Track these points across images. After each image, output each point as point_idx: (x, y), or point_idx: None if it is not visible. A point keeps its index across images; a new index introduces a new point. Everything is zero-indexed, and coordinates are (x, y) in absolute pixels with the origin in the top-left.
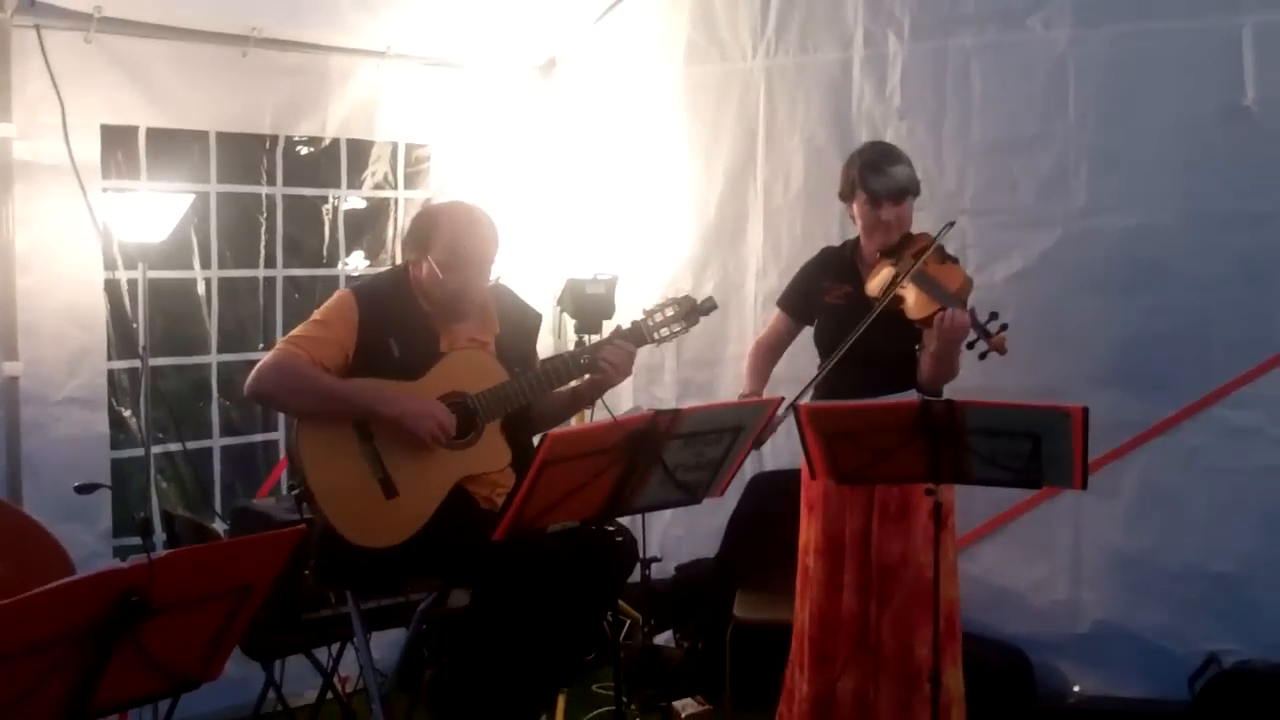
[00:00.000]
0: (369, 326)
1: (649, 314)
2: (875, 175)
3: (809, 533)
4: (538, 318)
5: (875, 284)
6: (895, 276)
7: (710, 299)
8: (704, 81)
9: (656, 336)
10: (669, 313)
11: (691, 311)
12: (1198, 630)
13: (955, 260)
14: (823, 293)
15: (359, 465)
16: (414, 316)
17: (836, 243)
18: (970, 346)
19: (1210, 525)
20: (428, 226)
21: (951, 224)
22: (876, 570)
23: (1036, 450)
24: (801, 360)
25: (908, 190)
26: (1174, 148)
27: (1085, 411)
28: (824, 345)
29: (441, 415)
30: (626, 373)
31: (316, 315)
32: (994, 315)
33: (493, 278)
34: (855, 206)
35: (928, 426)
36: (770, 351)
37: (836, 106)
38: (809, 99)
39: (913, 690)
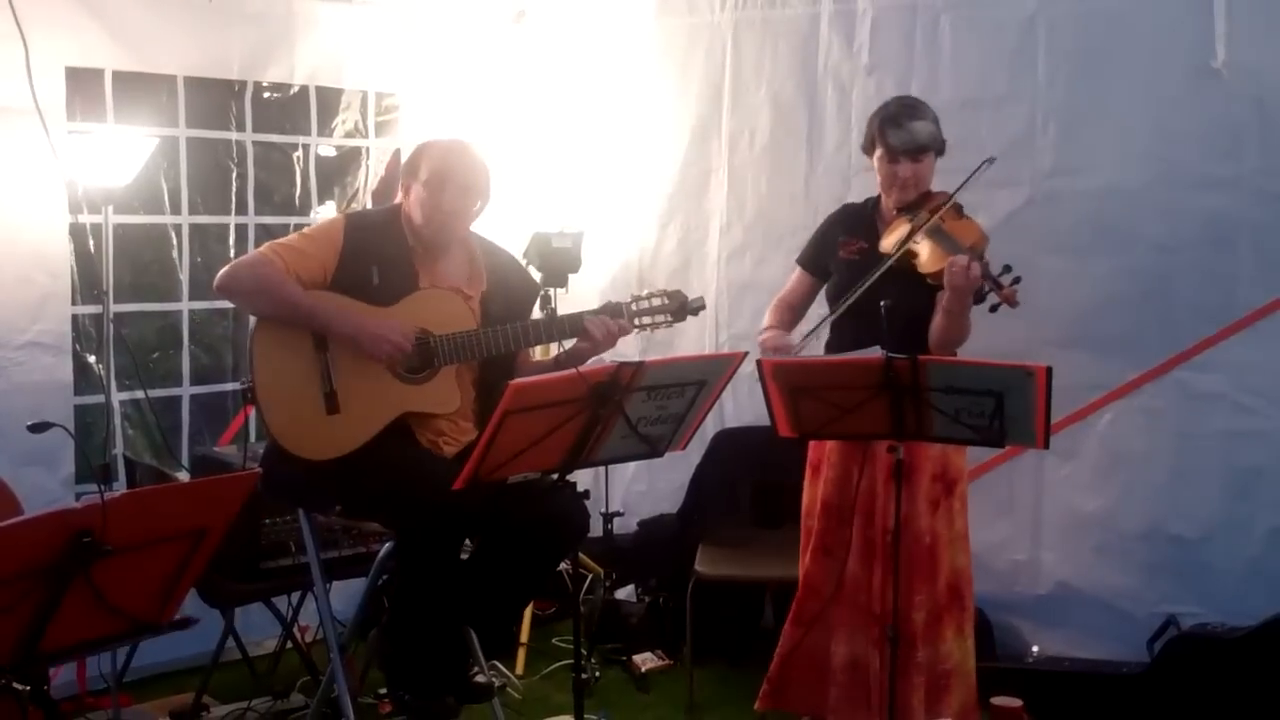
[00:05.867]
0: (352, 251)
1: (636, 299)
2: (894, 129)
3: (810, 495)
4: (536, 288)
5: (890, 241)
6: (910, 232)
7: (700, 299)
8: (673, 34)
9: (638, 323)
10: (655, 303)
11: (680, 308)
12: (1157, 592)
13: (972, 219)
14: (837, 247)
15: (307, 374)
16: (399, 250)
17: (802, 199)
18: (981, 300)
19: (1171, 488)
20: (419, 152)
21: (991, 160)
22: (880, 535)
23: (999, 409)
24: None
25: (928, 147)
26: (1142, 110)
27: (1049, 371)
28: (834, 300)
29: (398, 337)
30: (608, 345)
31: (306, 230)
32: (1007, 268)
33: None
34: (874, 161)
35: (891, 383)
36: (790, 309)
37: (803, 61)
38: (776, 53)
39: (908, 658)
